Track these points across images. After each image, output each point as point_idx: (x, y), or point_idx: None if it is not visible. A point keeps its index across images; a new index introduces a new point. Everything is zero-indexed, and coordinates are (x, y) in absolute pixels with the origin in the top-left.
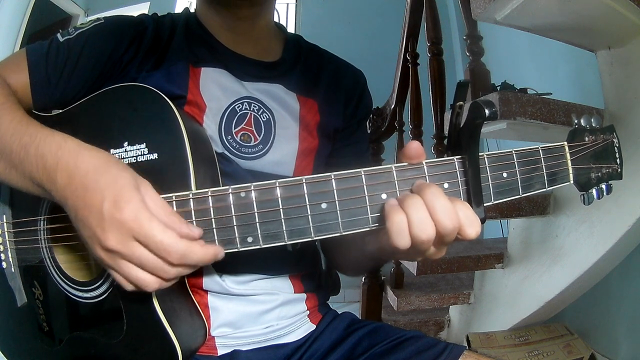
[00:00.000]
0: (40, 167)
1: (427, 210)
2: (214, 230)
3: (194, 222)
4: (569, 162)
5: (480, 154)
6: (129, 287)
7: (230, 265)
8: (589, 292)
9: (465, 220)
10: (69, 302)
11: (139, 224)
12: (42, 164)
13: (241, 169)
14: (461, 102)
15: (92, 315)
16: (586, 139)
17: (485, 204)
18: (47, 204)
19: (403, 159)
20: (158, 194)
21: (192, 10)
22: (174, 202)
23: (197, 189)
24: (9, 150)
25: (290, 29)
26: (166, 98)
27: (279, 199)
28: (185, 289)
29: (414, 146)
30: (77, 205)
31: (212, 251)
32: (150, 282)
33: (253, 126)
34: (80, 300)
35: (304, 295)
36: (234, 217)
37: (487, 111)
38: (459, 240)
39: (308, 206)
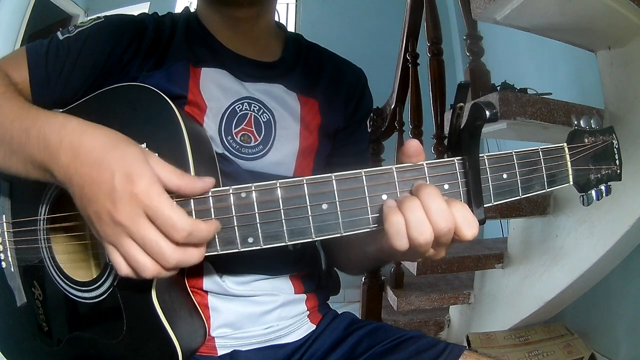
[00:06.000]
0: (43, 147)
1: (424, 211)
2: None
3: None
4: (569, 163)
5: (480, 155)
6: (126, 270)
7: (230, 265)
8: (589, 292)
9: (462, 221)
10: (69, 302)
11: (149, 197)
12: (44, 144)
13: (241, 169)
14: (461, 104)
15: (92, 315)
16: (586, 140)
17: (485, 205)
18: (46, 203)
19: (402, 157)
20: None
21: (192, 9)
22: (174, 202)
23: None
24: (9, 137)
25: (290, 29)
26: (167, 98)
27: (280, 200)
28: (185, 290)
29: (413, 145)
30: (83, 182)
31: (214, 226)
32: (148, 267)
33: (253, 126)
34: (80, 300)
35: (304, 296)
36: (234, 217)
37: (487, 113)
38: (456, 241)
39: (309, 207)
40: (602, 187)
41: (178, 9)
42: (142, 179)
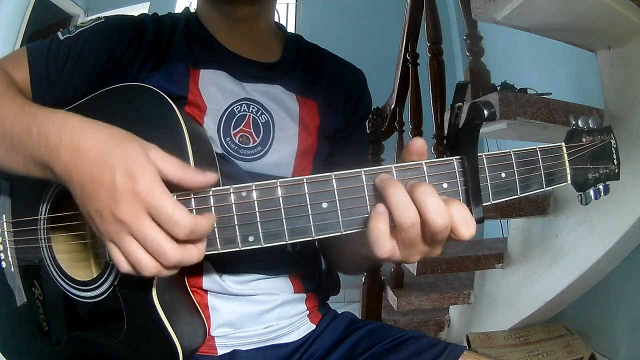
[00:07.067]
0: (43, 145)
1: (408, 195)
2: (216, 229)
3: None
4: (567, 162)
5: (478, 154)
6: (126, 267)
7: (230, 265)
8: (589, 292)
9: (460, 220)
10: (69, 301)
11: (152, 195)
12: (44, 142)
13: (241, 170)
14: (460, 103)
15: (92, 314)
16: (584, 139)
17: (483, 204)
18: (47, 202)
19: (406, 154)
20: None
21: (192, 10)
22: (176, 199)
23: None
24: (9, 134)
25: (290, 29)
26: (167, 98)
27: (280, 199)
28: (185, 289)
29: (418, 143)
30: (84, 181)
31: (212, 219)
32: (148, 265)
33: (252, 128)
34: (81, 299)
35: (304, 295)
36: (235, 216)
37: (485, 112)
38: (453, 240)
39: (309, 206)
40: (601, 186)
41: (178, 9)
42: (144, 177)
